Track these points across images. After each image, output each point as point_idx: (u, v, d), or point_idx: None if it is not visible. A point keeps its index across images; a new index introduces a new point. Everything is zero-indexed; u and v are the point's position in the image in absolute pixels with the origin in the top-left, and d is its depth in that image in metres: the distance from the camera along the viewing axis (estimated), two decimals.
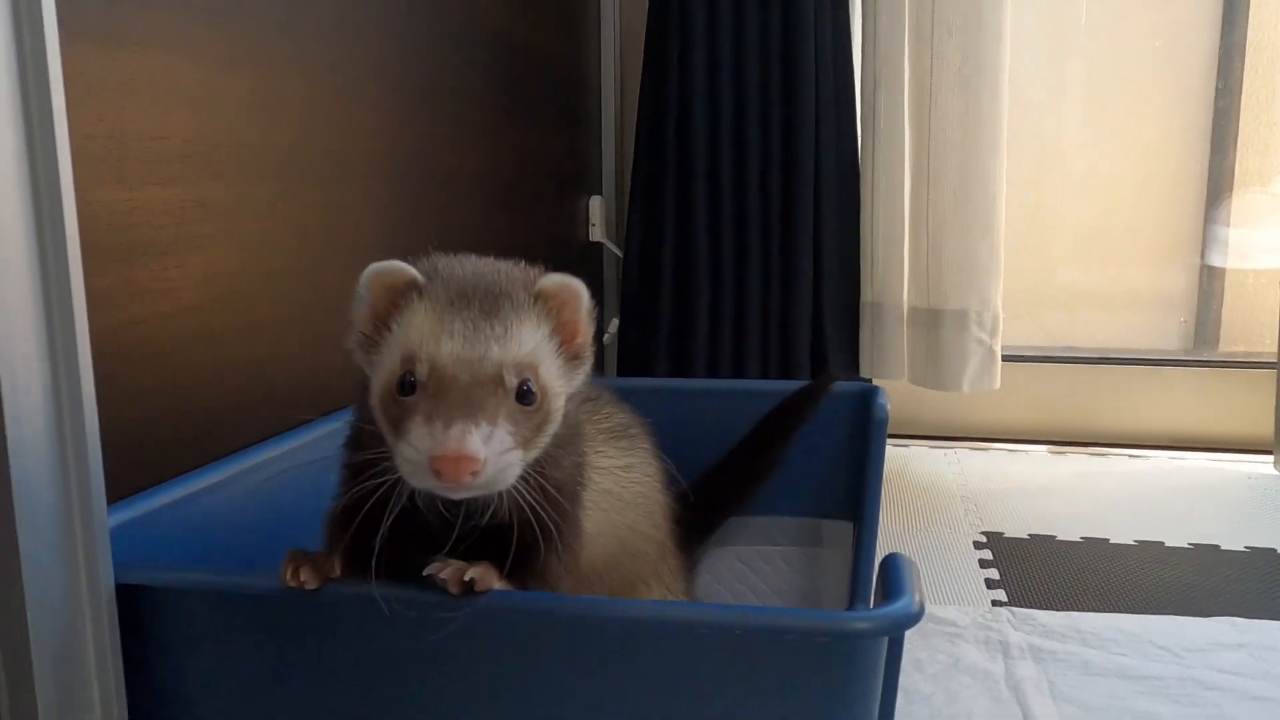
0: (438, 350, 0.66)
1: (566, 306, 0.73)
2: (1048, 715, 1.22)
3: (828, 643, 0.62)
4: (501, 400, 0.66)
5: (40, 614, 0.66)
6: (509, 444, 0.65)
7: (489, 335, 0.67)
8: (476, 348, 0.67)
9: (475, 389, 0.65)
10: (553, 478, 0.73)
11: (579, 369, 0.75)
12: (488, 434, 0.63)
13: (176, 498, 0.88)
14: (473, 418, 0.63)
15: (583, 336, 0.75)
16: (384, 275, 0.72)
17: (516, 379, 0.67)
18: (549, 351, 0.71)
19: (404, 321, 0.70)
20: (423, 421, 0.63)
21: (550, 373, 0.71)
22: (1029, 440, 2.53)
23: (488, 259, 0.77)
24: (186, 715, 0.75)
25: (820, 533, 1.34)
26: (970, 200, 2.12)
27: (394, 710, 0.71)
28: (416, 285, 0.71)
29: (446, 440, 0.61)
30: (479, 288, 0.70)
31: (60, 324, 0.67)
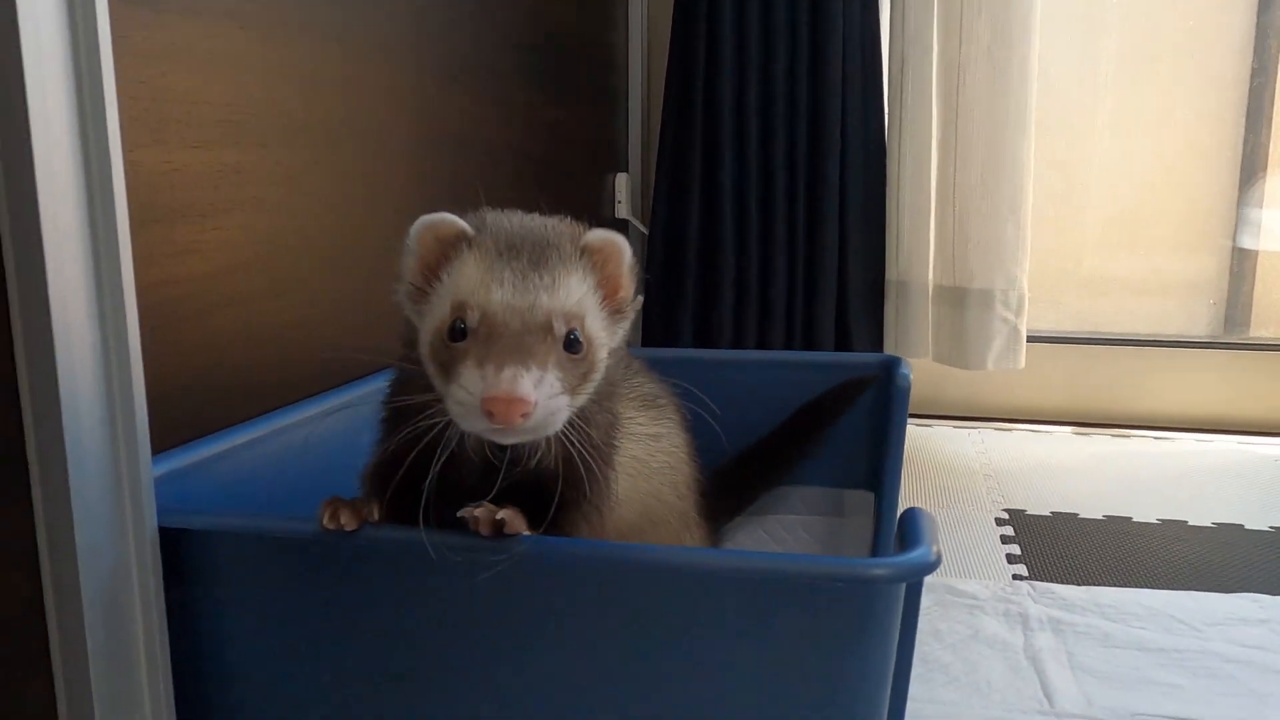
0: (488, 298, 0.69)
1: (610, 261, 0.76)
2: (1065, 684, 1.23)
3: (846, 588, 0.63)
4: (551, 347, 0.68)
5: (89, 555, 0.69)
6: (558, 389, 0.67)
7: (538, 285, 0.70)
8: (526, 296, 0.69)
9: (525, 335, 0.67)
10: (587, 434, 0.75)
11: (621, 323, 0.78)
12: (538, 378, 0.65)
13: (215, 452, 0.91)
14: (523, 362, 0.65)
15: (625, 291, 0.78)
16: (434, 227, 0.74)
17: (565, 327, 0.69)
18: (594, 303, 0.74)
19: (454, 271, 0.72)
20: (474, 365, 0.66)
21: (595, 324, 0.73)
22: (1053, 421, 2.52)
23: (534, 214, 0.79)
24: (225, 656, 0.77)
25: (842, 502, 1.36)
26: (997, 179, 2.12)
27: (426, 654, 0.73)
28: (466, 236, 0.73)
29: (499, 383, 0.64)
30: (527, 240, 0.72)
31: (108, 280, 0.69)
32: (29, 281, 0.65)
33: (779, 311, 2.20)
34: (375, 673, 0.74)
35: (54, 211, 0.65)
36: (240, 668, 0.78)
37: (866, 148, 2.20)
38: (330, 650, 0.75)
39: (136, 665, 0.73)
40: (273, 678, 0.78)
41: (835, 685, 0.66)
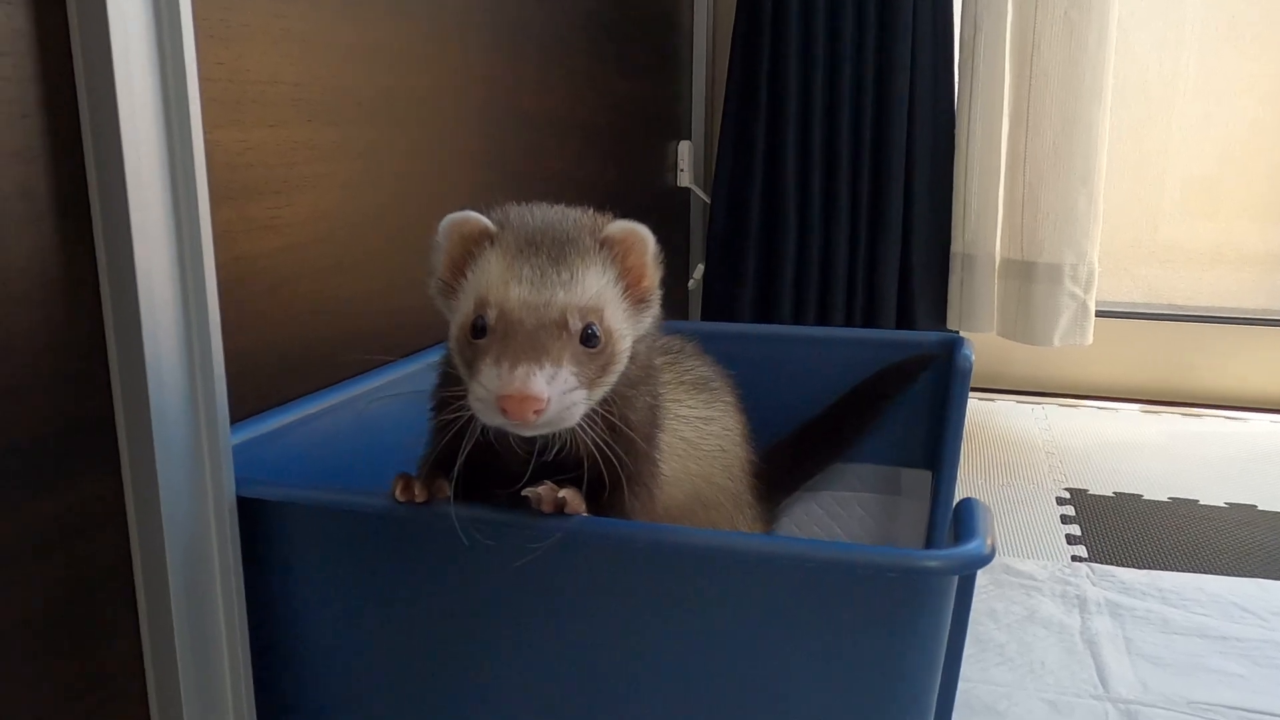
0: (506, 295, 0.70)
1: (632, 251, 0.76)
2: (1122, 669, 1.22)
3: (898, 578, 0.64)
4: (566, 343, 0.69)
5: (173, 521, 0.73)
6: (572, 384, 0.68)
7: (555, 281, 0.71)
8: (543, 293, 0.70)
9: (540, 332, 0.69)
10: (626, 417, 0.76)
11: (646, 312, 0.79)
12: (551, 374, 0.67)
13: (289, 421, 0.94)
14: (537, 360, 0.67)
15: (649, 280, 0.78)
16: (459, 225, 0.76)
17: (581, 322, 0.71)
18: (614, 296, 0.75)
19: (477, 269, 0.74)
20: (491, 363, 0.68)
21: (615, 316, 0.74)
22: (1120, 399, 2.47)
23: (559, 207, 0.80)
24: (298, 622, 0.81)
25: (899, 481, 1.35)
26: (1070, 149, 2.06)
27: (484, 628, 0.76)
28: (489, 234, 0.75)
29: (512, 380, 0.65)
30: (547, 235, 0.73)
31: (190, 257, 0.72)
32: (117, 261, 0.68)
33: (840, 283, 2.19)
34: (438, 645, 0.77)
35: (140, 192, 0.68)
36: (311, 634, 0.81)
37: (935, 116, 2.16)
38: (396, 621, 0.78)
39: (216, 626, 0.77)
40: (341, 645, 0.81)
41: (884, 674, 0.67)
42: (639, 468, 0.79)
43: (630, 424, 0.77)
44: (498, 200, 0.82)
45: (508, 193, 1.48)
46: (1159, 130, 2.53)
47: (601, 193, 1.87)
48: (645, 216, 0.79)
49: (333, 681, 0.82)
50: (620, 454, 0.72)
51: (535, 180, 1.59)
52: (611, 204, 0.83)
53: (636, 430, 0.78)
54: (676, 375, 1.02)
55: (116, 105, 0.66)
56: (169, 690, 0.74)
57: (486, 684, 0.77)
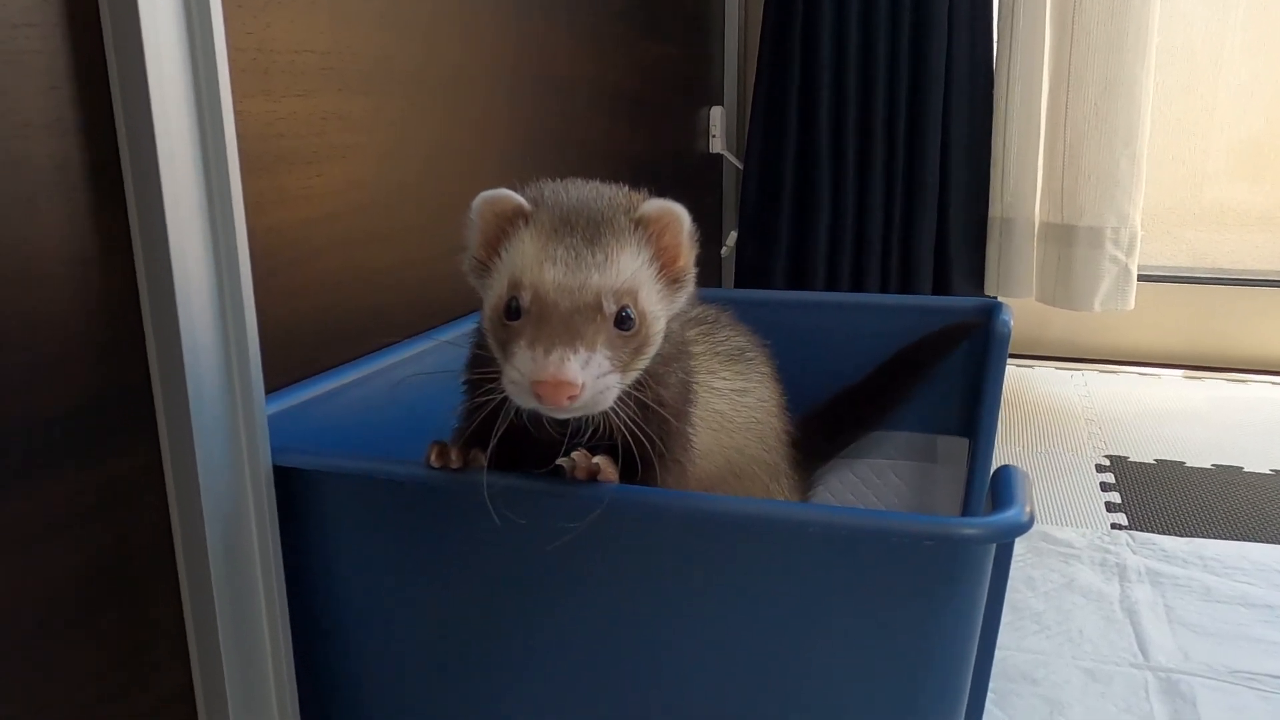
0: (541, 277, 0.69)
1: (667, 231, 0.75)
2: (1162, 638, 1.21)
3: (935, 547, 0.63)
4: (600, 326, 0.68)
5: (211, 492, 0.73)
6: (606, 368, 0.67)
7: (589, 263, 0.70)
8: (577, 275, 0.69)
9: (574, 315, 0.68)
10: (659, 395, 0.76)
11: (680, 291, 0.77)
12: (585, 359, 0.66)
13: (323, 391, 0.95)
14: (571, 344, 0.66)
15: (684, 260, 0.77)
16: (493, 203, 0.75)
17: (615, 305, 0.70)
18: (649, 276, 0.74)
19: (511, 248, 0.73)
20: (525, 346, 0.67)
21: (650, 297, 0.73)
22: (1162, 364, 2.43)
23: (594, 183, 0.79)
24: (335, 589, 0.82)
25: (935, 448, 1.34)
26: (1113, 109, 2.01)
27: (518, 596, 0.76)
28: (524, 213, 0.74)
29: (546, 365, 0.65)
30: (582, 215, 0.72)
31: (223, 228, 0.73)
32: (150, 233, 0.68)
33: (875, 249, 2.16)
34: (472, 613, 0.77)
35: (171, 163, 0.68)
36: (349, 601, 0.82)
37: (973, 76, 2.11)
38: (431, 589, 0.79)
39: (255, 592, 0.78)
40: (378, 612, 0.82)
41: (921, 642, 0.66)
42: (671, 445, 0.78)
43: (663, 402, 0.76)
44: (530, 169, 0.81)
45: (540, 161, 1.48)
46: (1205, 90, 2.46)
47: (633, 160, 1.85)
48: (677, 184, 0.77)
49: (370, 648, 0.83)
50: (653, 434, 0.72)
51: (567, 147, 1.57)
52: (643, 171, 0.82)
53: (669, 408, 0.77)
54: (710, 346, 1.01)
55: (146, 76, 0.66)
56: (210, 656, 0.76)
57: (521, 651, 0.78)
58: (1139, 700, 1.09)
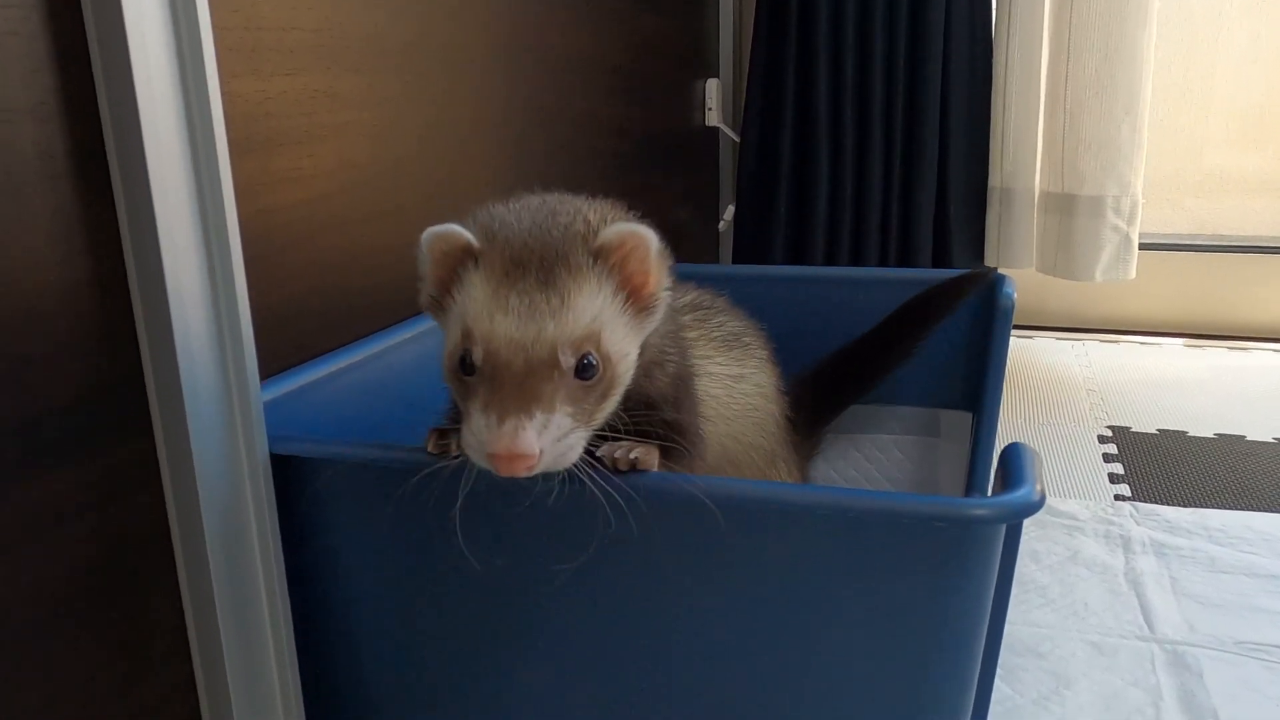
0: (492, 331, 0.65)
1: (631, 257, 0.70)
2: (1167, 609, 1.21)
3: (946, 528, 0.62)
4: (559, 383, 0.64)
5: (207, 482, 0.72)
6: (567, 427, 0.64)
7: (544, 310, 0.65)
8: (530, 327, 0.65)
9: (529, 376, 0.64)
10: (649, 394, 0.72)
11: (651, 316, 0.72)
12: (543, 424, 0.62)
13: (319, 376, 0.93)
14: (526, 410, 0.62)
15: (653, 285, 0.72)
16: (442, 241, 0.70)
17: (574, 357, 0.65)
18: (613, 312, 0.69)
19: (463, 291, 0.69)
20: (480, 410, 0.63)
21: (614, 336, 0.68)
22: (1163, 333, 2.42)
23: (551, 203, 0.74)
24: (337, 578, 0.81)
25: (938, 423, 1.33)
26: (1113, 76, 1.99)
27: (520, 582, 0.75)
28: (473, 251, 0.69)
29: (500, 437, 0.61)
30: (535, 252, 0.67)
31: (213, 212, 0.71)
32: (139, 219, 0.67)
33: (874, 222, 2.14)
34: (475, 600, 0.76)
35: (158, 147, 0.66)
36: (351, 590, 0.81)
37: (972, 44, 2.08)
38: (434, 575, 0.78)
39: (255, 581, 0.77)
40: (381, 600, 0.81)
41: (932, 622, 0.66)
42: (682, 437, 0.76)
43: (650, 400, 0.73)
44: (524, 146, 0.78)
45: (534, 137, 1.45)
46: (1206, 55, 2.43)
47: (629, 134, 1.83)
48: (673, 158, 0.75)
49: (374, 637, 0.82)
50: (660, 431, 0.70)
51: (562, 123, 1.55)
52: (639, 146, 0.80)
53: (666, 401, 0.75)
54: (706, 332, 0.99)
55: (129, 57, 0.64)
56: (211, 648, 0.75)
57: (526, 638, 0.77)
58: (1145, 673, 1.08)
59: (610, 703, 0.77)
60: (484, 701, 0.81)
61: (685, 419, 0.80)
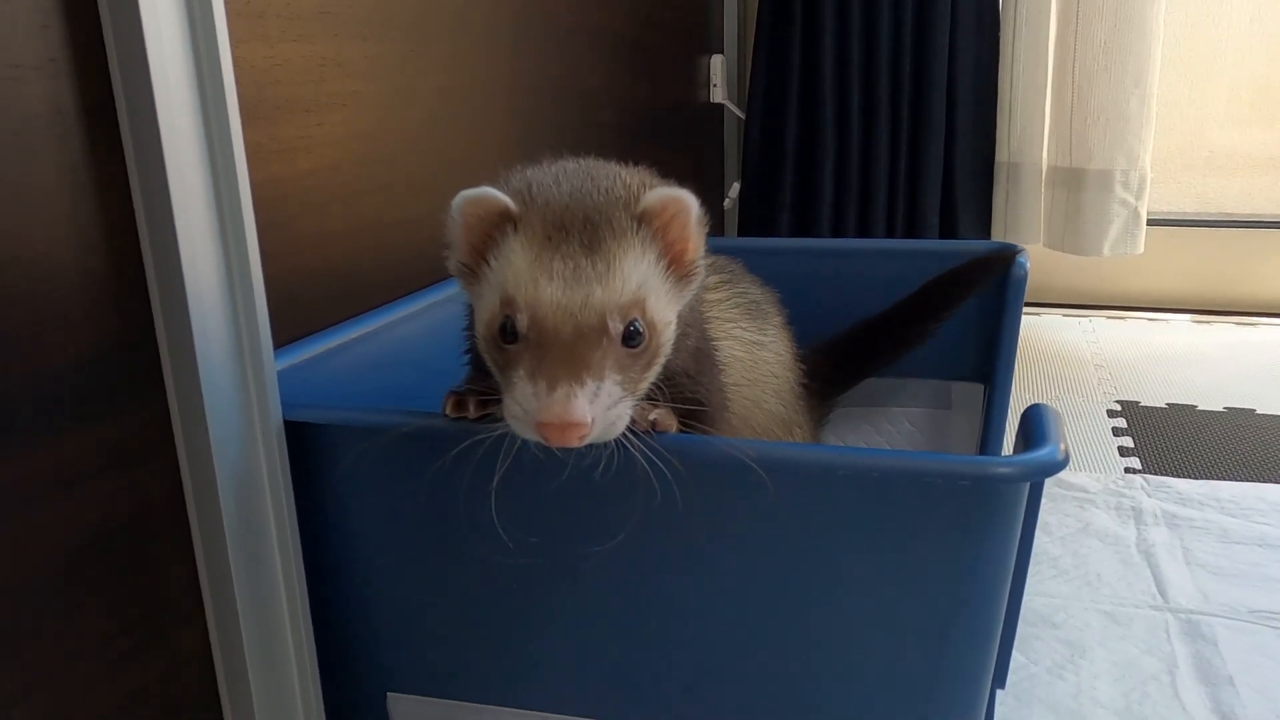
0: (537, 296, 0.63)
1: (675, 222, 0.68)
2: (1180, 578, 1.20)
3: (970, 487, 0.62)
4: (608, 350, 0.62)
5: (222, 448, 0.71)
6: (617, 395, 0.62)
7: (590, 275, 0.63)
8: (578, 292, 0.63)
9: (578, 343, 0.62)
10: (670, 368, 0.71)
11: (690, 284, 0.71)
12: (594, 391, 0.60)
13: (331, 346, 0.93)
14: (578, 377, 0.60)
15: (693, 251, 0.70)
16: (477, 205, 0.67)
17: (622, 322, 0.63)
18: (657, 279, 0.67)
19: (501, 257, 0.66)
20: (526, 378, 0.61)
21: (659, 303, 0.67)
22: (1172, 309, 2.41)
23: (587, 167, 0.72)
24: (352, 545, 0.81)
25: (950, 395, 1.32)
26: (1122, 47, 1.97)
27: (535, 545, 0.74)
28: (511, 216, 0.67)
29: (551, 405, 0.59)
30: (577, 216, 0.65)
31: (224, 173, 0.70)
32: (150, 181, 0.66)
33: (881, 198, 2.13)
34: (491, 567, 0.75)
35: (169, 108, 0.65)
36: (366, 556, 0.81)
37: (979, 18, 2.07)
38: (451, 542, 0.77)
39: (270, 549, 0.76)
40: (395, 566, 0.81)
41: (956, 583, 0.65)
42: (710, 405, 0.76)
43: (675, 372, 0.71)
44: (532, 119, 0.76)
45: (542, 111, 1.44)
46: (1210, 31, 2.41)
47: (636, 110, 1.82)
48: (679, 134, 0.74)
49: (389, 603, 0.82)
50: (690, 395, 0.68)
51: (569, 97, 1.54)
52: (645, 121, 0.78)
53: (689, 374, 0.74)
54: (730, 295, 0.98)
55: (139, 13, 0.63)
56: (227, 614, 0.74)
57: (542, 601, 0.77)
58: (1160, 642, 1.08)
59: (635, 668, 0.76)
60: (504, 670, 0.81)
61: (706, 388, 0.79)
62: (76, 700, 0.66)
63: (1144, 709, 0.97)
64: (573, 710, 0.80)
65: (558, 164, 0.73)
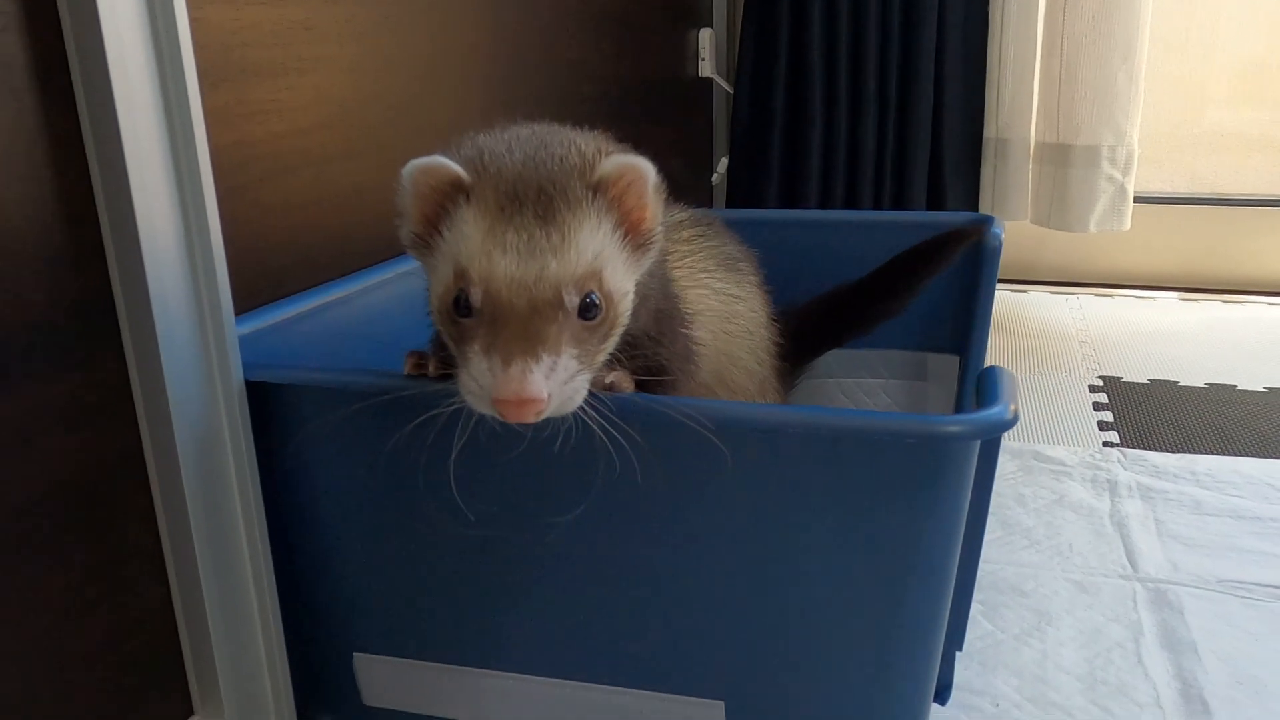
0: (491, 270, 0.62)
1: (631, 190, 0.67)
2: (1151, 549, 1.21)
3: (918, 444, 0.62)
4: (564, 324, 0.62)
5: (181, 409, 0.72)
6: (574, 369, 0.62)
7: (545, 247, 0.63)
8: (532, 265, 0.62)
9: (534, 317, 0.61)
10: (631, 332, 0.71)
11: (647, 253, 0.70)
12: (550, 366, 0.60)
13: (295, 314, 0.93)
14: (533, 353, 0.60)
15: (651, 220, 0.69)
16: (428, 173, 0.67)
17: (578, 295, 0.63)
18: (613, 248, 0.66)
19: (454, 228, 0.66)
20: (481, 353, 0.61)
21: (615, 274, 0.66)
22: (1158, 286, 2.41)
23: (541, 133, 0.71)
24: (314, 506, 0.81)
25: (925, 367, 1.33)
26: (1111, 20, 1.96)
27: (499, 510, 0.75)
28: (463, 186, 0.66)
29: (508, 381, 0.59)
30: (531, 185, 0.65)
31: (182, 138, 0.70)
32: (103, 134, 0.66)
33: (868, 174, 2.12)
34: (454, 529, 0.76)
35: (122, 63, 0.65)
36: (327, 517, 0.81)
37: None
38: (411, 503, 0.78)
39: (232, 508, 0.77)
40: (356, 526, 0.81)
41: (905, 543, 0.66)
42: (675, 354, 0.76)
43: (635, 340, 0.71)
44: (512, 90, 0.75)
45: (523, 83, 1.44)
46: (1206, 8, 2.40)
47: (621, 83, 1.81)
48: (666, 109, 0.73)
49: (351, 563, 0.83)
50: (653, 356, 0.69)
51: (552, 68, 1.53)
52: (631, 95, 0.77)
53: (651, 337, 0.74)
54: (705, 247, 0.98)
55: None
56: (188, 573, 0.75)
57: (505, 563, 0.77)
58: (1127, 610, 1.09)
59: (599, 631, 0.77)
60: (470, 633, 0.81)
61: (669, 349, 0.79)
62: (34, 653, 0.67)
63: (1106, 674, 0.98)
64: (539, 671, 0.81)
65: (511, 130, 0.72)
